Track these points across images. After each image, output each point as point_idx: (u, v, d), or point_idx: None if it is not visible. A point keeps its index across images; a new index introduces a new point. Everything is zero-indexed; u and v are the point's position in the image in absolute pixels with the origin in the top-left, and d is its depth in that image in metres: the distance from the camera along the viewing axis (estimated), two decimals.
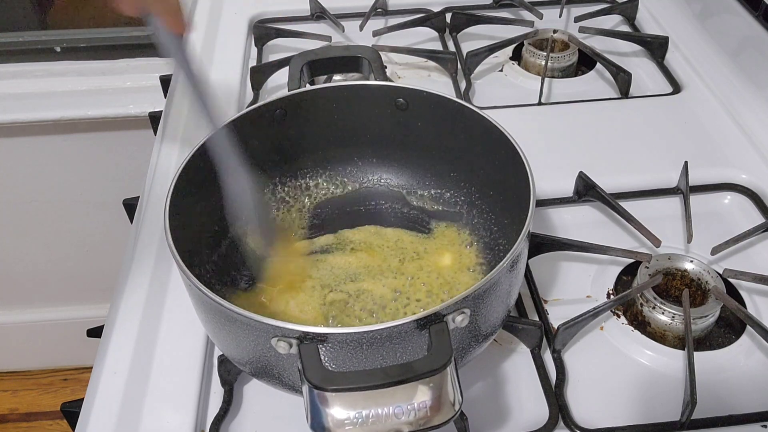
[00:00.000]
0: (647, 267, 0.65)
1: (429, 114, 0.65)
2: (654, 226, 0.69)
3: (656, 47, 0.97)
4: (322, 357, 0.45)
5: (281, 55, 0.93)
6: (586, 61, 0.97)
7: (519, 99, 0.91)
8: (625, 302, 0.65)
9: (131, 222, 0.77)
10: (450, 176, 0.70)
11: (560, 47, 0.97)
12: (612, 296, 0.66)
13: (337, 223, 0.69)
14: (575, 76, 0.96)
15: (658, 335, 0.63)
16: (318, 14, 1.08)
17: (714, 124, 0.85)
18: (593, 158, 0.80)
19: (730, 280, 0.66)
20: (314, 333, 0.45)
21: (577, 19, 1.02)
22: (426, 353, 0.45)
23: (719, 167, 0.79)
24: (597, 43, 0.98)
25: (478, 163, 0.65)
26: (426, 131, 0.67)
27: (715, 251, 0.68)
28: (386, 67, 0.90)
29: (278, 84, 0.94)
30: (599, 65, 0.94)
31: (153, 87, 1.22)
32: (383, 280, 0.63)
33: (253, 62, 0.99)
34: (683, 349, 0.61)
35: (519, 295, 0.63)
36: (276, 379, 0.52)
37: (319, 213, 0.70)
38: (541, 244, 0.68)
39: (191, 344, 0.62)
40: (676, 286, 0.66)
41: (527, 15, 1.03)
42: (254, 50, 1.03)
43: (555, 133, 0.85)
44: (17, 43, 1.30)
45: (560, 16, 1.06)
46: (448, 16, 1.04)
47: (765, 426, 0.56)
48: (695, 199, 0.74)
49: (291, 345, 0.46)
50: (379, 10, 1.07)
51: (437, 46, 1.01)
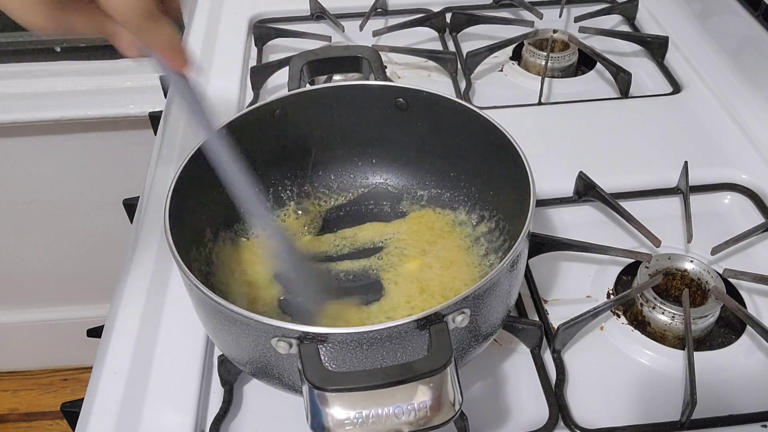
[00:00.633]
0: (647, 267, 0.65)
1: (429, 114, 0.65)
2: (654, 226, 0.69)
3: (656, 47, 0.97)
4: (322, 357, 0.45)
5: (281, 55, 0.93)
6: (586, 61, 0.97)
7: (519, 99, 0.91)
8: (625, 302, 0.65)
9: (131, 222, 0.77)
10: (450, 176, 0.70)
11: (560, 47, 0.97)
12: (612, 296, 0.66)
13: (337, 223, 0.69)
14: (575, 76, 0.96)
15: (658, 335, 0.63)
16: (318, 14, 1.08)
17: (714, 124, 0.85)
18: (593, 158, 0.80)
19: (730, 280, 0.66)
20: (314, 333, 0.45)
21: (577, 19, 1.02)
22: (426, 353, 0.45)
23: (719, 167, 0.79)
24: (597, 43, 0.98)
25: (478, 163, 0.65)
26: (426, 131, 0.67)
27: (715, 251, 0.68)
28: (386, 67, 0.90)
29: (278, 84, 0.94)
30: (599, 65, 0.94)
31: (153, 87, 1.22)
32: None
33: (253, 62, 0.99)
34: (683, 349, 0.61)
35: (519, 295, 0.63)
36: (276, 379, 0.52)
37: (319, 213, 0.70)
38: (541, 244, 0.68)
39: (191, 344, 0.62)
40: (676, 286, 0.66)
41: (527, 15, 1.03)
42: (254, 50, 1.03)
43: (555, 133, 0.85)
44: (17, 43, 1.30)
45: (560, 16, 1.06)
46: (448, 16, 1.04)
47: (765, 426, 0.56)
48: (695, 199, 0.74)
49: (291, 345, 0.46)
50: (379, 10, 1.07)
51: (437, 46, 1.01)
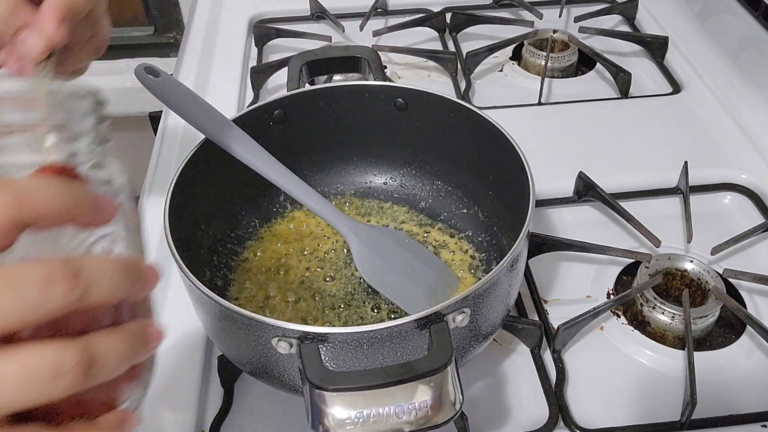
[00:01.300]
0: (647, 267, 0.65)
1: (429, 114, 0.65)
2: (654, 226, 0.69)
3: (656, 47, 0.97)
4: (323, 357, 0.45)
5: (281, 55, 0.93)
6: (586, 61, 0.97)
7: (519, 99, 0.91)
8: (625, 302, 0.65)
9: None
10: (450, 176, 0.70)
11: (560, 47, 0.97)
12: (612, 296, 0.66)
13: None
14: (575, 76, 0.96)
15: (658, 335, 0.63)
16: (318, 14, 1.08)
17: (714, 124, 0.85)
18: (593, 158, 0.80)
19: (730, 280, 0.66)
20: (314, 333, 0.45)
21: (577, 19, 1.02)
22: (426, 353, 0.46)
23: (719, 167, 0.79)
24: (597, 43, 0.98)
25: (478, 163, 0.65)
26: (426, 131, 0.67)
27: (715, 251, 0.68)
28: (386, 67, 0.90)
29: (278, 84, 0.94)
30: (599, 65, 0.94)
31: None
32: None
33: (253, 62, 0.99)
34: (683, 349, 0.61)
35: (519, 295, 0.63)
36: (276, 379, 0.52)
37: None
38: (541, 244, 0.68)
39: (191, 344, 0.62)
40: (676, 286, 0.66)
41: (527, 15, 1.03)
42: (254, 50, 1.03)
43: (555, 133, 0.85)
44: None
45: (560, 16, 1.06)
46: (448, 16, 1.04)
47: (765, 426, 0.56)
48: (695, 199, 0.74)
49: (291, 345, 0.46)
50: (379, 10, 1.07)
51: (437, 46, 1.01)
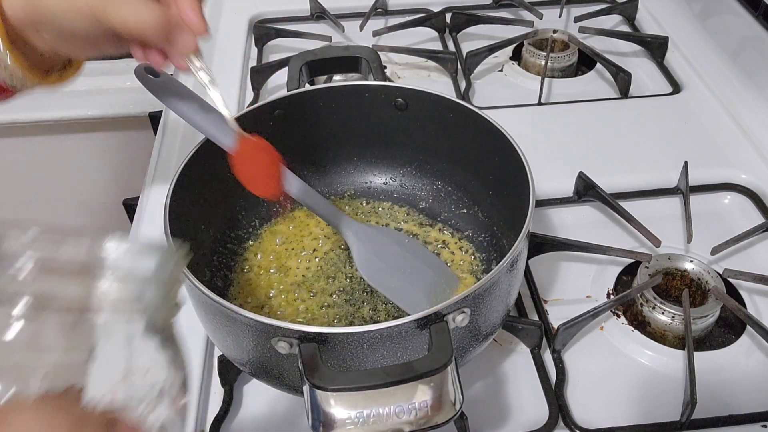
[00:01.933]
0: (647, 267, 0.65)
1: (429, 114, 0.65)
2: (654, 226, 0.69)
3: (656, 47, 0.97)
4: (323, 357, 0.45)
5: (281, 55, 0.93)
6: (586, 61, 0.97)
7: (519, 99, 0.91)
8: (625, 302, 0.65)
9: (131, 222, 0.77)
10: (450, 176, 0.70)
11: (560, 47, 0.97)
12: (612, 296, 0.66)
13: None
14: (575, 76, 0.96)
15: (658, 335, 0.63)
16: (318, 14, 1.08)
17: (714, 124, 0.85)
18: (593, 158, 0.80)
19: (730, 280, 0.66)
20: (314, 333, 0.45)
21: (577, 19, 1.02)
22: (426, 353, 0.46)
23: (719, 167, 0.79)
24: (597, 43, 0.98)
25: (478, 163, 0.65)
26: (426, 131, 0.67)
27: (715, 251, 0.68)
28: (386, 67, 0.90)
29: (278, 84, 0.94)
30: (599, 65, 0.94)
31: None
32: None
33: (253, 62, 0.99)
34: (683, 349, 0.61)
35: (519, 295, 0.63)
36: (276, 379, 0.52)
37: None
38: (541, 244, 0.68)
39: (191, 344, 0.62)
40: (676, 286, 0.66)
41: (527, 15, 1.03)
42: (254, 50, 1.03)
43: (555, 133, 0.85)
44: None
45: (560, 16, 1.06)
46: (448, 16, 1.04)
47: (765, 426, 0.56)
48: (695, 199, 0.74)
49: (291, 345, 0.46)
50: (379, 10, 1.07)
51: (437, 46, 1.01)
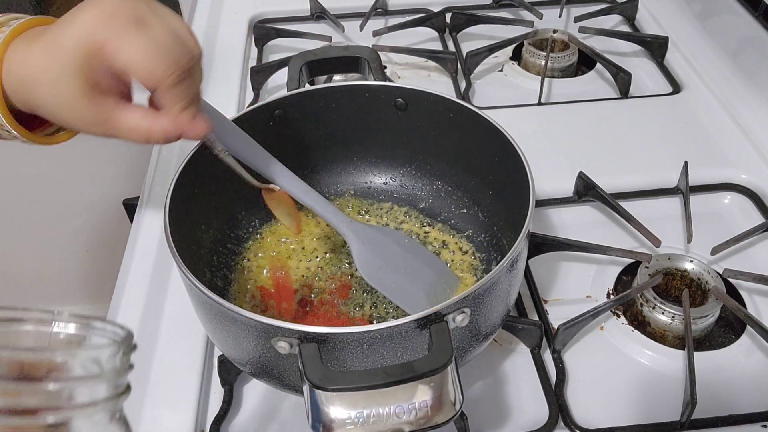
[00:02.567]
0: (647, 267, 0.65)
1: (429, 114, 0.65)
2: (654, 226, 0.69)
3: (656, 47, 0.97)
4: (323, 357, 0.45)
5: (281, 55, 0.93)
6: (586, 61, 0.97)
7: (519, 99, 0.91)
8: (625, 302, 0.65)
9: (131, 222, 0.77)
10: (450, 176, 0.70)
11: (560, 47, 0.97)
12: (612, 296, 0.66)
13: None
14: (575, 76, 0.96)
15: (658, 335, 0.63)
16: (318, 14, 1.08)
17: (714, 124, 0.85)
18: (593, 158, 0.80)
19: (730, 280, 0.66)
20: (315, 333, 0.45)
21: (577, 19, 1.02)
22: (426, 353, 0.46)
23: (719, 167, 0.79)
24: (597, 43, 0.98)
25: (478, 163, 0.65)
26: (426, 131, 0.67)
27: (715, 251, 0.68)
28: (386, 67, 0.90)
29: (278, 84, 0.94)
30: (599, 65, 0.94)
31: None
32: None
33: (253, 62, 0.99)
34: (683, 349, 0.61)
35: (519, 295, 0.63)
36: (276, 379, 0.52)
37: None
38: (541, 244, 0.68)
39: (191, 344, 0.62)
40: (676, 286, 0.66)
41: (527, 15, 1.03)
42: (254, 50, 1.03)
43: (555, 133, 0.85)
44: None
45: (560, 16, 1.06)
46: (448, 16, 1.04)
47: (765, 426, 0.56)
48: (695, 199, 0.74)
49: (291, 345, 0.46)
50: (379, 10, 1.07)
51: (437, 46, 1.01)
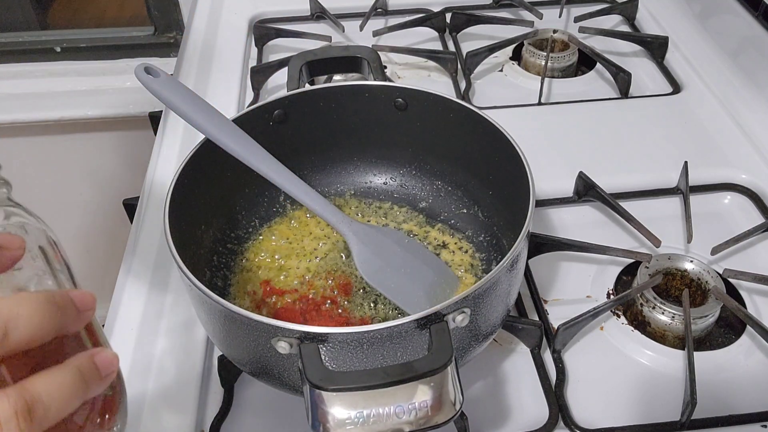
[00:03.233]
0: (647, 267, 0.65)
1: (429, 114, 0.65)
2: (654, 226, 0.69)
3: (656, 47, 0.97)
4: (323, 357, 0.45)
5: (281, 55, 0.93)
6: (586, 61, 0.97)
7: (519, 99, 0.91)
8: (625, 302, 0.65)
9: (131, 222, 0.77)
10: (450, 176, 0.70)
11: (560, 47, 0.97)
12: (612, 296, 0.66)
13: None
14: (575, 76, 0.96)
15: (658, 335, 0.63)
16: (318, 14, 1.08)
17: (714, 124, 0.85)
18: (593, 158, 0.80)
19: (730, 280, 0.66)
20: (315, 333, 0.45)
21: (577, 19, 1.02)
22: (426, 353, 0.46)
23: (719, 167, 0.79)
24: (597, 43, 0.98)
25: (478, 163, 0.65)
26: (426, 131, 0.67)
27: (715, 251, 0.68)
28: (386, 67, 0.90)
29: (278, 84, 0.94)
30: (599, 65, 0.94)
31: None
32: None
33: (253, 62, 0.99)
34: (683, 349, 0.61)
35: (519, 295, 0.63)
36: (276, 379, 0.52)
37: None
38: (541, 244, 0.68)
39: (191, 344, 0.62)
40: (676, 286, 0.66)
41: (527, 15, 1.03)
42: (254, 50, 1.03)
43: (555, 133, 0.85)
44: (17, 43, 1.30)
45: (560, 16, 1.06)
46: (448, 16, 1.04)
47: (765, 426, 0.56)
48: (695, 199, 0.74)
49: (291, 345, 0.46)
50: (379, 10, 1.07)
51: (437, 46, 1.01)
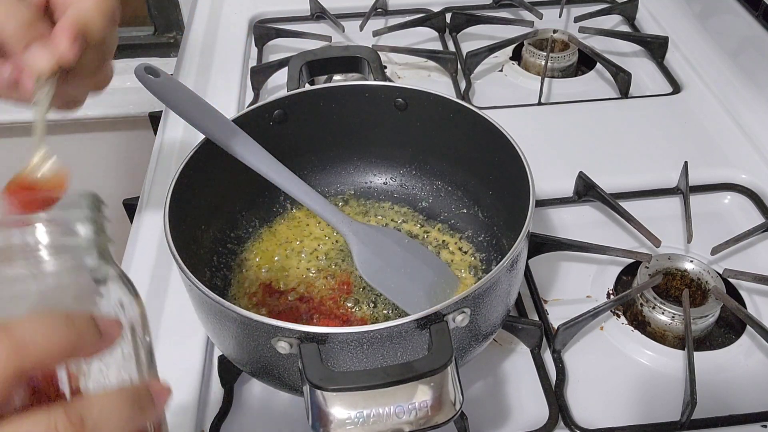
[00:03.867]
0: (647, 267, 0.65)
1: (429, 114, 0.65)
2: (654, 226, 0.69)
3: (656, 47, 0.97)
4: (323, 357, 0.45)
5: (281, 55, 0.93)
6: (586, 61, 0.97)
7: (519, 99, 0.91)
8: (625, 302, 0.65)
9: (131, 222, 0.77)
10: (450, 176, 0.70)
11: (560, 47, 0.97)
12: (612, 296, 0.66)
13: None
14: (575, 76, 0.96)
15: (658, 335, 0.63)
16: (318, 14, 1.08)
17: (714, 124, 0.85)
18: (593, 158, 0.80)
19: (730, 280, 0.66)
20: (315, 333, 0.45)
21: (577, 19, 1.02)
22: (426, 353, 0.46)
23: (719, 167, 0.79)
24: (597, 43, 0.98)
25: (478, 163, 0.65)
26: (426, 131, 0.67)
27: (715, 251, 0.68)
28: (386, 67, 0.90)
29: (278, 84, 0.94)
30: (599, 65, 0.94)
31: None
32: None
33: (253, 62, 0.99)
34: (683, 349, 0.61)
35: (519, 295, 0.63)
36: (276, 379, 0.52)
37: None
38: (541, 244, 0.68)
39: (191, 344, 0.62)
40: (676, 286, 0.66)
41: (527, 15, 1.03)
42: (254, 50, 1.03)
43: (555, 133, 0.85)
44: None
45: (560, 16, 1.06)
46: (448, 16, 1.04)
47: (765, 426, 0.56)
48: (695, 199, 0.74)
49: (291, 345, 0.46)
50: (379, 10, 1.07)
51: (437, 46, 1.01)
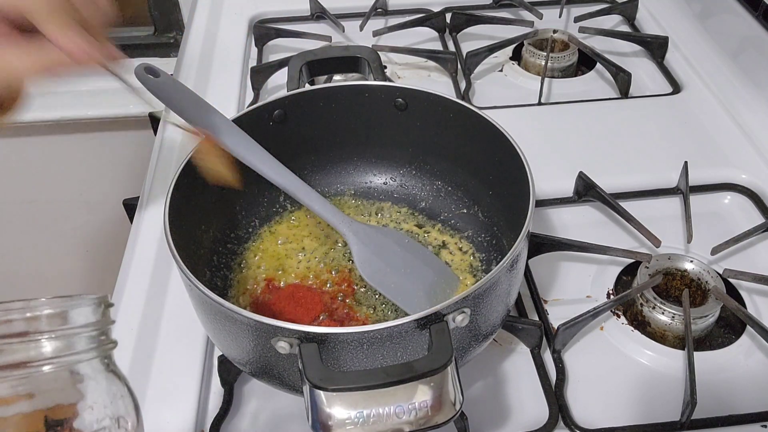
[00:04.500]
0: (647, 267, 0.65)
1: (429, 114, 0.65)
2: (654, 226, 0.69)
3: (656, 47, 0.97)
4: (323, 357, 0.45)
5: (281, 55, 0.93)
6: (586, 61, 0.97)
7: (519, 99, 0.91)
8: (625, 302, 0.65)
9: (131, 222, 0.77)
10: (450, 176, 0.70)
11: (560, 47, 0.97)
12: (612, 296, 0.66)
13: None
14: (575, 76, 0.96)
15: (658, 335, 0.63)
16: (318, 14, 1.08)
17: (714, 124, 0.85)
18: (593, 158, 0.80)
19: (730, 280, 0.66)
20: (315, 333, 0.45)
21: (577, 19, 1.02)
22: (426, 353, 0.46)
23: (719, 167, 0.79)
24: (597, 43, 0.98)
25: (478, 163, 0.65)
26: (426, 131, 0.67)
27: (715, 251, 0.68)
28: (386, 67, 0.90)
29: (278, 84, 0.94)
30: (599, 65, 0.94)
31: None
32: None
33: (253, 62, 0.99)
34: (683, 349, 0.61)
35: (519, 295, 0.63)
36: (276, 379, 0.52)
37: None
38: (541, 244, 0.68)
39: (191, 344, 0.62)
40: (676, 286, 0.66)
41: (527, 15, 1.03)
42: (254, 50, 1.03)
43: (555, 133, 0.85)
44: None
45: (560, 16, 1.06)
46: (448, 16, 1.04)
47: (765, 426, 0.56)
48: (695, 199, 0.74)
49: (291, 345, 0.46)
50: (379, 10, 1.07)
51: (437, 46, 1.01)
